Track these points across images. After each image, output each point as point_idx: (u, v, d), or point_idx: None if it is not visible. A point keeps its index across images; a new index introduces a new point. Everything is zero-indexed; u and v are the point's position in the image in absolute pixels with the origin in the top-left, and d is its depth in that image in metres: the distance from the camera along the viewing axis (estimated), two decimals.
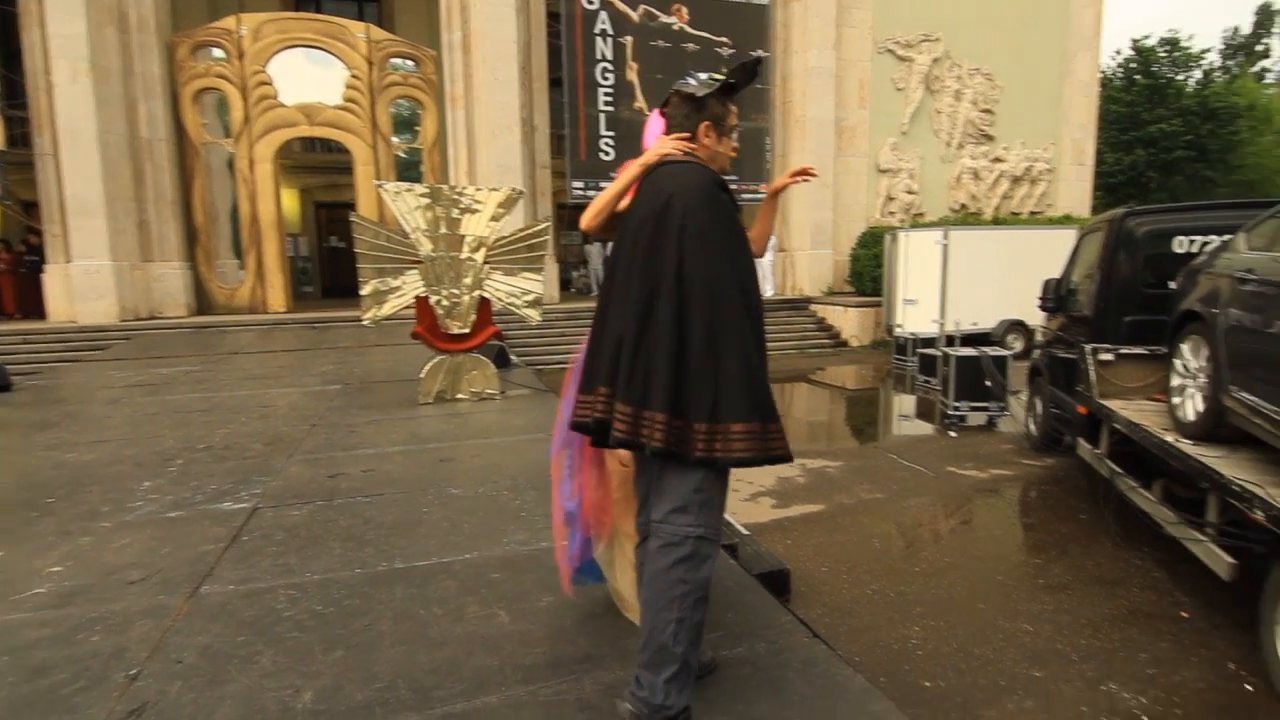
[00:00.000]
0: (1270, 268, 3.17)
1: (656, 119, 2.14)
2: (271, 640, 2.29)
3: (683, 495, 1.78)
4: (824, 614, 3.58)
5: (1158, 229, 4.86)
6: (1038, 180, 17.55)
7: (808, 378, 11.25)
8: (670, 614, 1.73)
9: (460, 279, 6.01)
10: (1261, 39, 34.73)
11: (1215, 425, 3.51)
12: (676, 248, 1.79)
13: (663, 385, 1.74)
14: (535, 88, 13.96)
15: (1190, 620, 3.45)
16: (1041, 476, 5.84)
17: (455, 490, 3.83)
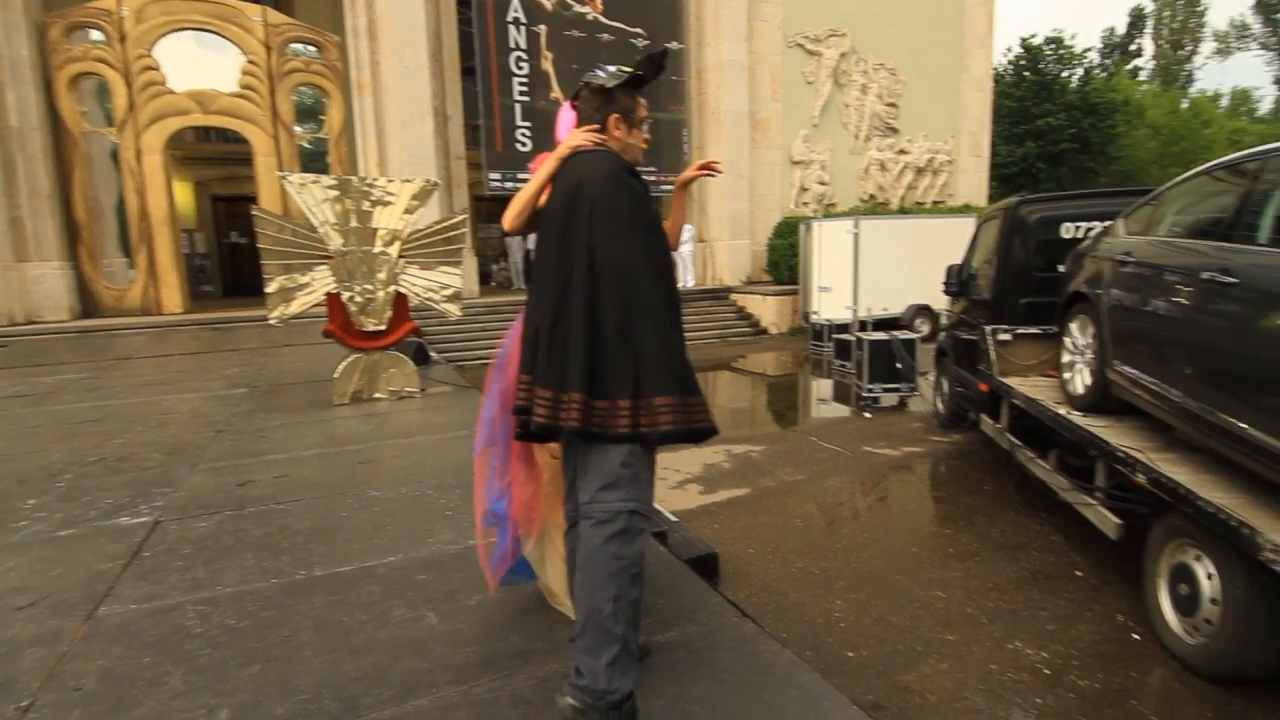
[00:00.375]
0: (1145, 250, 3.44)
1: (568, 111, 2.14)
2: (181, 659, 2.16)
3: (610, 472, 1.79)
4: (752, 594, 3.67)
5: (1047, 216, 5.20)
6: (939, 171, 18.46)
7: (730, 366, 11.45)
8: (608, 591, 1.72)
9: (374, 274, 5.80)
10: (1135, 39, 37.67)
11: (1101, 397, 3.79)
12: (587, 232, 1.82)
13: (578, 367, 1.76)
14: (447, 76, 13.59)
15: (1084, 579, 3.73)
16: (949, 452, 6.16)
17: (376, 492, 3.70)
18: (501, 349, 2.23)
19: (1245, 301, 2.58)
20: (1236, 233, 2.82)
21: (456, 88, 13.74)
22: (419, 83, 12.53)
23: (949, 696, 2.78)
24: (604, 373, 1.78)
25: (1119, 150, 27.07)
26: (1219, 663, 2.74)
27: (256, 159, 12.77)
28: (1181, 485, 2.82)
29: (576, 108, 2.07)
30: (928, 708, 2.71)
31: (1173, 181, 3.68)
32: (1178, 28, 38.25)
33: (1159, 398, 3.16)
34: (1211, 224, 3.09)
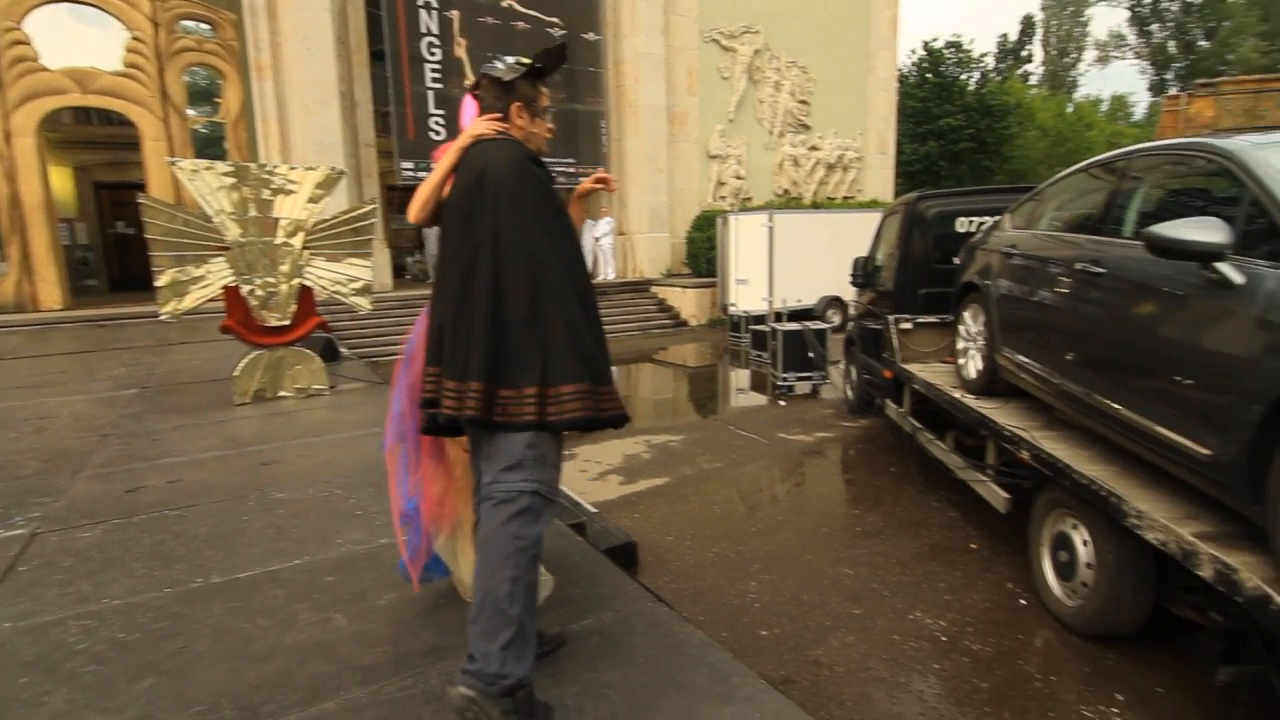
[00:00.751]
0: (1028, 243, 3.69)
1: (470, 102, 2.11)
2: (63, 678, 2.01)
3: (515, 453, 1.78)
4: (671, 580, 3.74)
5: (944, 211, 5.49)
6: (849, 167, 19.14)
7: (651, 358, 11.55)
8: (505, 572, 1.70)
9: (276, 266, 5.53)
10: (1026, 46, 40.10)
11: (992, 381, 4.05)
12: (491, 221, 1.80)
13: (481, 356, 1.75)
14: (355, 60, 13.06)
15: (978, 551, 3.98)
16: (858, 436, 6.44)
17: (280, 494, 3.55)
18: (408, 343, 2.19)
19: (1112, 290, 2.81)
20: (1105, 226, 3.06)
21: (365, 72, 13.23)
22: (323, 66, 11.99)
23: (855, 667, 2.92)
24: (510, 361, 1.77)
25: (1012, 150, 28.79)
26: (1094, 622, 2.98)
27: (144, 143, 11.91)
28: (1060, 460, 3.05)
29: (478, 98, 2.04)
30: (835, 679, 2.84)
31: (1052, 179, 3.96)
32: (1064, 36, 40.98)
33: (1041, 380, 3.40)
34: (1084, 218, 3.34)
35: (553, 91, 3.15)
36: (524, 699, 1.70)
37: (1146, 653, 2.94)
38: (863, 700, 2.69)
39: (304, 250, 5.64)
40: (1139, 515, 2.54)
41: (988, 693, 2.75)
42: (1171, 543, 2.37)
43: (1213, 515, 2.44)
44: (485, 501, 1.81)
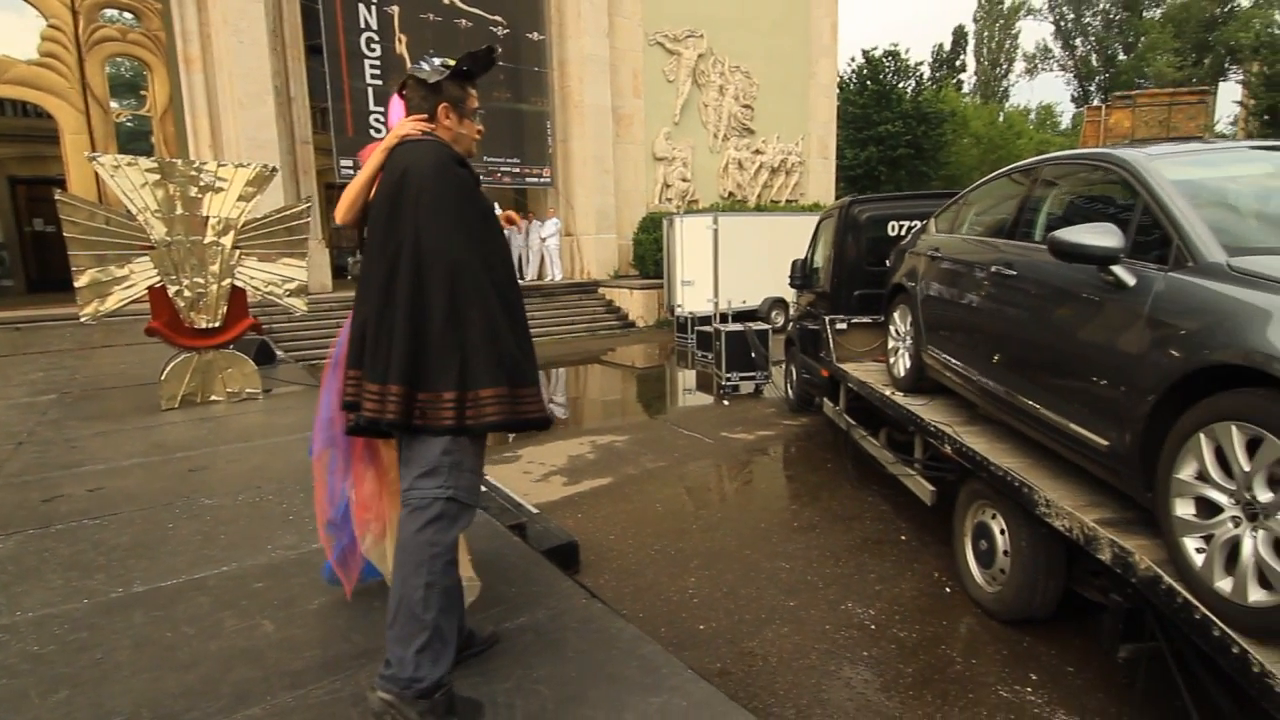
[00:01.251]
0: (950, 246, 3.86)
1: (398, 102, 2.10)
2: None
3: (431, 459, 1.79)
4: (612, 578, 3.77)
5: (876, 215, 5.69)
6: (792, 171, 19.54)
7: (599, 359, 11.58)
8: (419, 579, 1.72)
9: (205, 266, 5.35)
10: (959, 56, 41.63)
11: (919, 379, 4.22)
12: (412, 222, 1.79)
13: (401, 360, 1.74)
14: (290, 54, 12.70)
15: (907, 542, 4.14)
16: (798, 434, 6.59)
17: (208, 500, 3.45)
18: (336, 346, 2.17)
19: (1022, 292, 2.98)
20: (1018, 231, 3.24)
21: (301, 67, 12.87)
22: (257, 59, 11.62)
23: (789, 657, 3.01)
24: (429, 364, 1.77)
25: (948, 156, 29.82)
26: (1011, 607, 3.14)
27: (64, 137, 11.38)
28: (978, 454, 3.20)
29: (405, 98, 2.04)
30: (769, 669, 2.92)
31: (972, 186, 4.16)
32: (995, 48, 42.66)
33: (962, 378, 3.56)
34: (1000, 223, 3.52)
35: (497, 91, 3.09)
36: (441, 700, 1.71)
37: (1059, 634, 3.12)
38: (794, 688, 2.78)
39: (235, 250, 5.48)
40: (1048, 504, 2.69)
41: (911, 677, 2.88)
42: (1075, 529, 2.53)
43: (1114, 503, 2.61)
44: (403, 508, 1.81)
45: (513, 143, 15.21)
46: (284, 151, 12.12)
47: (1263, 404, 1.79)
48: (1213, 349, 1.96)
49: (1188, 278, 2.14)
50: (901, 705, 2.69)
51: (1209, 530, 1.99)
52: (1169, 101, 18.19)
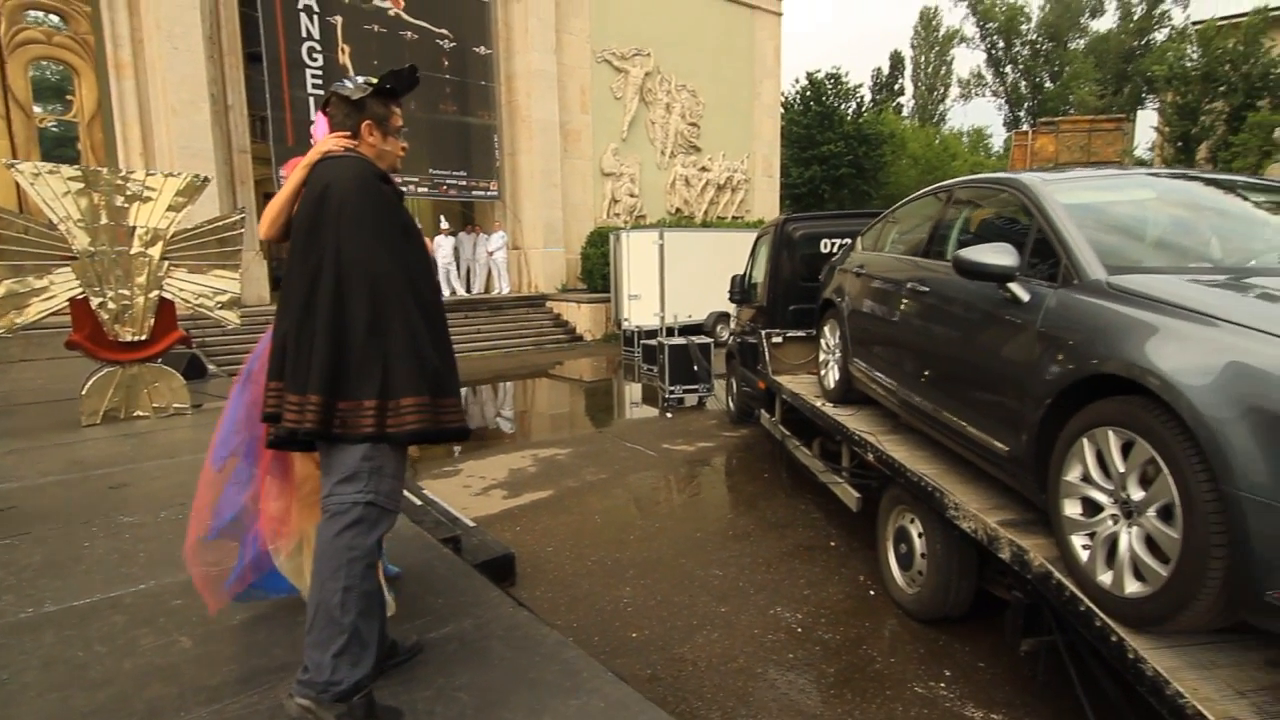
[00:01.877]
0: (873, 263, 4.04)
1: (322, 118, 2.12)
2: None
3: (350, 465, 1.81)
4: (548, 589, 3.80)
5: (810, 233, 5.89)
6: (737, 188, 19.96)
7: (547, 372, 11.57)
8: (337, 582, 1.74)
9: (131, 278, 5.19)
10: (898, 80, 43.21)
11: (847, 390, 4.38)
12: (334, 236, 1.82)
13: (321, 370, 1.77)
14: (228, 62, 12.41)
15: (836, 548, 4.28)
16: (737, 445, 6.73)
17: (128, 518, 3.35)
18: (250, 359, 2.17)
19: (934, 307, 3.15)
20: (932, 249, 3.42)
21: (239, 75, 12.59)
22: (192, 66, 11.33)
23: (717, 661, 3.08)
24: (349, 374, 1.79)
25: (887, 176, 30.86)
26: (928, 607, 3.29)
27: None
28: (897, 461, 3.35)
29: (328, 114, 2.06)
30: (698, 673, 2.99)
31: (894, 206, 4.36)
32: (930, 73, 44.44)
33: (884, 389, 3.72)
34: (917, 242, 3.71)
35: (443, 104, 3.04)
36: (360, 704, 1.72)
37: (972, 632, 3.28)
38: (720, 690, 2.86)
39: (164, 261, 5.33)
40: (956, 507, 2.85)
41: (834, 676, 2.99)
42: (980, 530, 2.68)
43: (1016, 505, 2.77)
44: (323, 514, 1.83)
45: (459, 156, 15.14)
46: (220, 160, 11.81)
47: (1133, 410, 1.95)
48: (1092, 360, 2.13)
49: (1073, 294, 2.32)
50: (823, 704, 2.80)
51: (1092, 528, 2.14)
52: (1089, 128, 19.26)
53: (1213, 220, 2.87)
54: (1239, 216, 2.95)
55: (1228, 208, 3.01)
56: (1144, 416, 1.91)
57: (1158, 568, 1.88)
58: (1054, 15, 38.88)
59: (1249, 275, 2.28)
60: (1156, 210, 2.93)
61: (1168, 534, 1.84)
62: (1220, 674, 1.88)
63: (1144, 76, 33.25)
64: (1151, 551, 1.92)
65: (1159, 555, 1.89)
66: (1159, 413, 1.86)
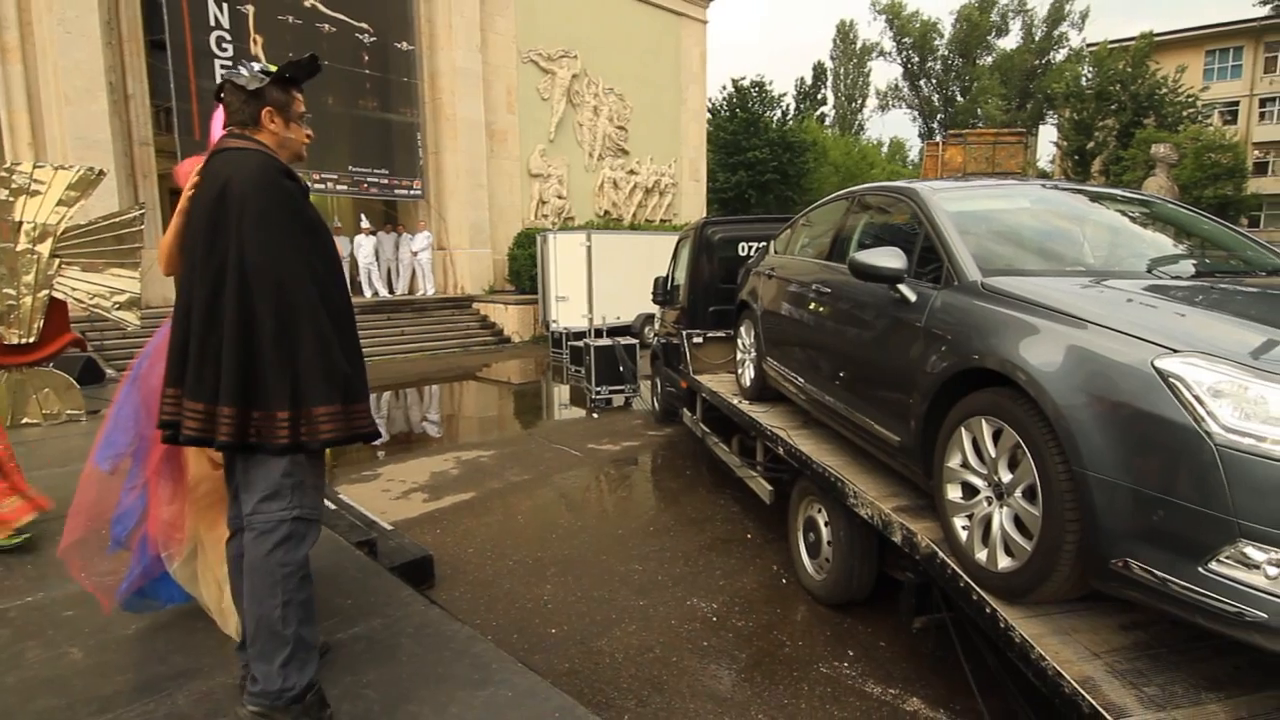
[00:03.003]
0: (783, 266, 4.21)
1: (221, 113, 2.05)
2: None
3: (272, 482, 1.79)
4: (467, 590, 3.79)
5: (728, 236, 6.07)
6: (665, 192, 20.21)
7: (474, 375, 11.44)
8: (275, 598, 1.74)
9: (16, 276, 4.88)
10: (820, 90, 44.63)
11: (762, 388, 4.54)
12: (236, 237, 1.75)
13: (232, 380, 1.72)
14: (128, 49, 11.73)
15: (752, 540, 4.43)
16: (661, 443, 6.85)
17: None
18: (139, 360, 2.11)
19: (835, 307, 3.33)
20: (834, 252, 3.60)
21: (140, 62, 11.92)
22: (87, 51, 10.66)
23: (634, 653, 3.16)
24: (260, 384, 1.75)
25: (811, 183, 31.84)
26: (835, 592, 3.46)
27: None
28: (804, 454, 3.52)
29: (224, 104, 1.97)
30: (616, 664, 3.06)
31: (803, 210, 4.56)
32: (850, 84, 46.11)
33: (794, 386, 3.89)
34: (822, 246, 3.90)
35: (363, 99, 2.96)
36: (313, 700, 1.77)
37: (875, 614, 3.46)
38: (636, 680, 2.93)
39: (54, 259, 5.02)
40: (856, 495, 3.01)
41: (745, 660, 3.11)
42: (876, 516, 2.85)
43: (909, 493, 2.96)
44: (247, 531, 1.80)
45: (381, 153, 14.79)
46: (119, 153, 11.17)
47: (1001, 401, 2.14)
48: (973, 355, 2.31)
49: (954, 294, 2.51)
50: (733, 687, 2.91)
51: (970, 509, 2.32)
52: (994, 140, 20.38)
53: (1083, 229, 3.13)
54: (1107, 226, 3.24)
55: (1098, 218, 3.30)
56: (1010, 406, 2.09)
57: (1024, 543, 2.06)
58: (963, 33, 41.01)
59: (1109, 279, 2.52)
60: (1033, 218, 3.18)
61: (1031, 512, 2.02)
62: (1079, 638, 2.07)
63: (1044, 94, 35.52)
64: (1019, 529, 2.10)
65: (1025, 532, 2.07)
66: (1023, 402, 2.04)
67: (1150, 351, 1.78)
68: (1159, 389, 1.71)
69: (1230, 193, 21.80)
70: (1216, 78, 31.80)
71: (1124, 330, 1.91)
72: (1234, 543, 1.58)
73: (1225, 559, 1.60)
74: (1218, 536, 1.60)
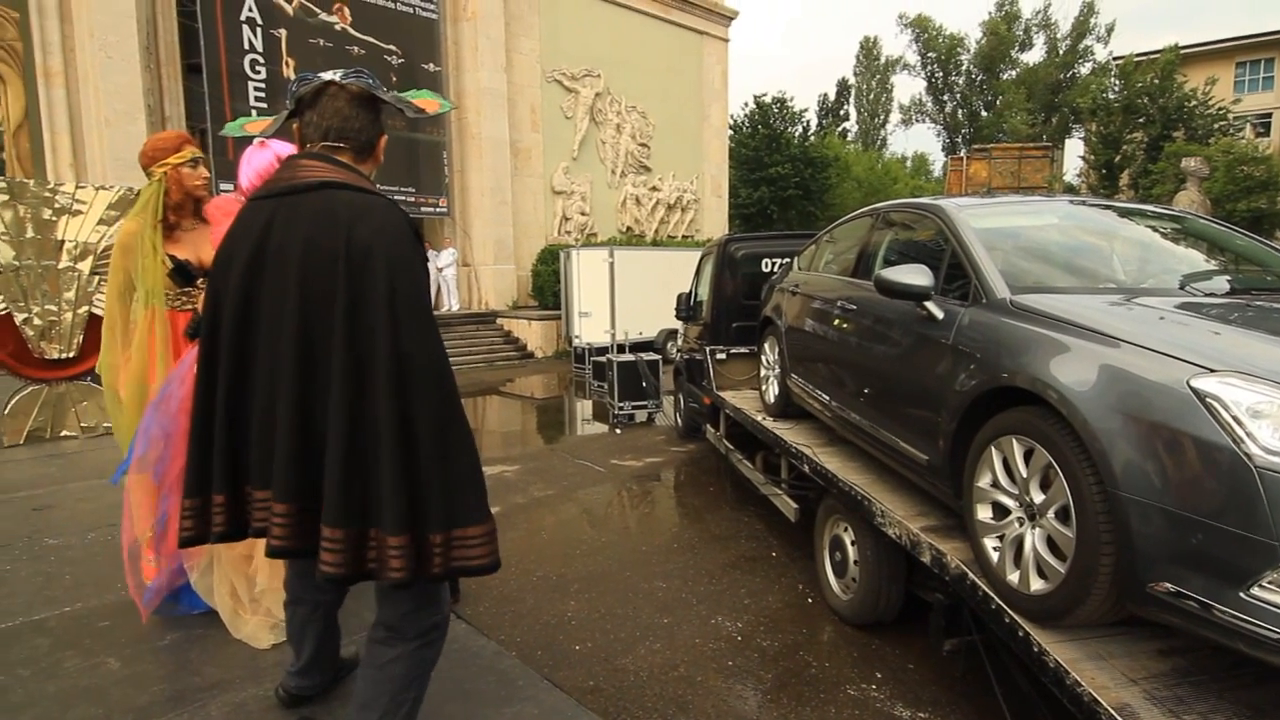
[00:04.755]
0: (807, 282, 4.21)
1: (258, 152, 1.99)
2: None
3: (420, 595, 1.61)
4: (492, 605, 3.79)
5: (751, 252, 6.08)
6: (687, 208, 20.30)
7: (498, 390, 11.51)
8: (410, 693, 1.65)
9: (59, 293, 5.03)
10: (843, 106, 44.64)
11: (786, 405, 4.53)
12: (389, 318, 1.39)
13: (397, 500, 1.40)
14: (166, 72, 12.11)
15: (777, 558, 4.39)
16: (684, 460, 6.83)
17: (53, 540, 3.25)
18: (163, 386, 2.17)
19: (861, 324, 3.32)
20: (859, 269, 3.60)
21: (178, 86, 12.30)
22: (127, 75, 11.02)
23: (658, 671, 3.14)
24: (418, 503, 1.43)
25: (833, 198, 31.80)
26: (861, 612, 3.42)
27: None
28: (830, 472, 3.49)
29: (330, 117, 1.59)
30: (640, 683, 3.04)
31: (829, 228, 4.56)
32: (873, 99, 46.07)
33: (819, 403, 3.88)
34: (847, 262, 3.89)
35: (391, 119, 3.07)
36: None
37: (903, 635, 3.41)
38: (660, 699, 2.91)
39: (94, 276, 5.18)
40: (883, 515, 2.99)
41: (771, 681, 3.08)
42: (904, 536, 2.82)
43: (937, 512, 2.93)
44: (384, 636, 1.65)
45: (408, 172, 15.04)
46: None
47: (1032, 420, 2.11)
48: (1002, 374, 2.29)
49: (981, 312, 2.49)
50: (759, 708, 2.88)
51: (1001, 530, 2.29)
52: (1019, 155, 20.25)
53: (1113, 245, 3.10)
54: (1138, 242, 3.20)
55: (1128, 233, 3.26)
56: (1042, 425, 2.06)
57: (1057, 565, 2.03)
58: (988, 47, 40.82)
59: (1141, 296, 2.49)
60: (1061, 235, 3.16)
61: (1065, 534, 1.99)
62: (1115, 664, 2.02)
63: (1070, 107, 35.19)
64: (1052, 550, 2.07)
65: (1058, 554, 2.04)
66: (1055, 422, 2.01)
67: (1186, 371, 1.75)
68: (1195, 409, 1.68)
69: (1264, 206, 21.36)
70: (1248, 89, 31.31)
71: (1158, 349, 1.89)
72: (1276, 567, 1.54)
73: (1267, 584, 1.56)
74: (1259, 561, 1.56)
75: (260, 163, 2.00)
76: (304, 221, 1.43)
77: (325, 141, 1.53)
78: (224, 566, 2.13)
